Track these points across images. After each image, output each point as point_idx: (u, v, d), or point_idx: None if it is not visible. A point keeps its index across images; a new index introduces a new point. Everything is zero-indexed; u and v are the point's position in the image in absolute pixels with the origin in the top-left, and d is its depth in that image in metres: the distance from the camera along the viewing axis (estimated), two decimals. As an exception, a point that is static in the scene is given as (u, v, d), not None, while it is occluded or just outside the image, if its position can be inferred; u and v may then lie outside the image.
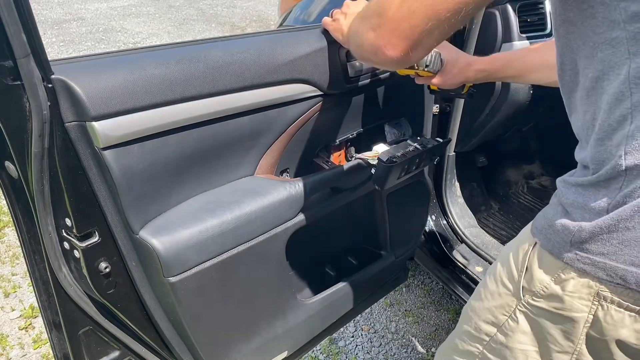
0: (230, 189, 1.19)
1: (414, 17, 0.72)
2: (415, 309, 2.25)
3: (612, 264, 0.67)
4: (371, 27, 0.79)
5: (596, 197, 0.69)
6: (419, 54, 0.78)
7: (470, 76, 1.23)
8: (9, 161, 0.90)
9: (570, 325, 0.74)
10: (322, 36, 1.21)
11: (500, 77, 1.29)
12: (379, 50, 0.78)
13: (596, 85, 0.67)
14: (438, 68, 1.19)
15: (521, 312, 0.81)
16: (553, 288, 0.75)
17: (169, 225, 1.05)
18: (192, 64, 1.01)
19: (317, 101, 1.24)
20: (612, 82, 0.65)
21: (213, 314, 1.18)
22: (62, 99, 0.86)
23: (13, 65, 0.79)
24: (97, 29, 5.95)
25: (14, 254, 2.53)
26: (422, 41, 0.75)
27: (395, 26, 0.75)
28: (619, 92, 0.64)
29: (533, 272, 0.78)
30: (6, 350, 2.03)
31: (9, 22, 0.75)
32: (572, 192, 0.74)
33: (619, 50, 0.63)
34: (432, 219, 1.92)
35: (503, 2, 1.66)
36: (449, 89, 1.26)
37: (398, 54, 0.77)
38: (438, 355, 1.08)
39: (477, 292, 0.93)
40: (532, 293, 0.79)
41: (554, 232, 0.75)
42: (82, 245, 0.97)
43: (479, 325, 0.90)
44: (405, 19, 0.73)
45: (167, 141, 1.01)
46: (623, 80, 0.63)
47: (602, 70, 0.66)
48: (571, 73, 0.73)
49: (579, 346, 0.75)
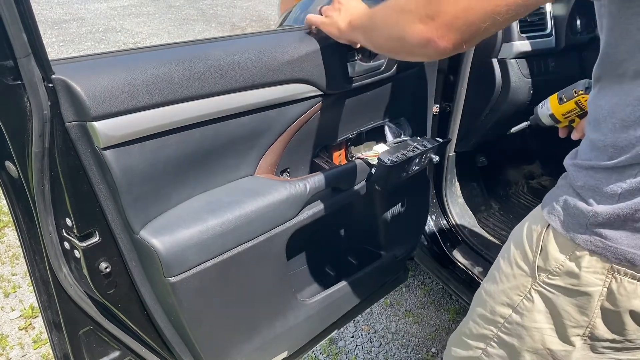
0: (231, 189, 1.19)
1: (472, 13, 0.72)
2: (415, 309, 2.25)
3: (623, 249, 0.71)
4: (419, 19, 0.78)
5: (609, 181, 0.71)
6: (472, 45, 0.81)
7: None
8: (9, 161, 0.90)
9: (586, 300, 0.77)
10: (322, 36, 1.21)
11: None
12: (430, 42, 0.78)
13: (635, 78, 0.68)
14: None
15: (536, 292, 0.84)
16: (568, 265, 0.77)
17: (170, 225, 1.05)
18: (192, 64, 1.01)
19: (317, 101, 1.24)
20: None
21: (213, 314, 1.18)
22: (62, 98, 0.86)
23: (13, 64, 0.79)
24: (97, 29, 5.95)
25: (14, 254, 2.52)
26: (478, 34, 0.75)
27: (451, 20, 0.74)
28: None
29: (549, 252, 0.80)
30: (6, 351, 2.03)
31: (10, 22, 0.75)
32: (583, 175, 0.75)
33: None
34: (432, 219, 1.92)
35: (503, 2, 1.66)
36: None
37: (451, 46, 0.77)
38: (450, 343, 1.09)
39: (491, 275, 0.95)
40: (548, 272, 0.81)
41: (568, 215, 0.77)
42: (82, 245, 0.96)
43: (494, 308, 0.92)
44: (462, 14, 0.73)
45: (168, 141, 1.01)
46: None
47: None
48: (614, 59, 0.72)
49: (593, 320, 0.78)
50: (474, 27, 0.73)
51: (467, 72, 1.55)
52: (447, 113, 1.74)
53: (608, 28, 0.72)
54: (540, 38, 1.72)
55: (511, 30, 1.67)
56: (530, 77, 1.74)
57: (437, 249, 1.90)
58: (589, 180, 0.74)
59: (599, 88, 0.77)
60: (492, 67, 1.71)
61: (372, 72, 1.31)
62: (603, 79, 0.76)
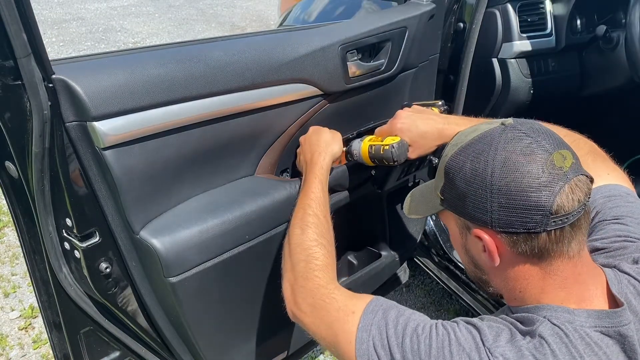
0: (231, 189, 1.19)
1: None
2: (415, 309, 2.25)
3: None
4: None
5: None
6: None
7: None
8: (9, 161, 0.90)
9: None
10: (322, 36, 1.21)
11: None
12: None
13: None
14: (405, 156, 1.14)
15: None
16: None
17: (170, 225, 1.04)
18: (192, 64, 1.01)
19: (317, 101, 1.24)
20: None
21: (213, 314, 1.18)
22: (62, 98, 0.86)
23: (14, 64, 0.78)
24: (97, 28, 5.94)
25: (14, 254, 2.52)
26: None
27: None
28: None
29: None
30: (6, 351, 2.03)
31: (10, 22, 0.75)
32: None
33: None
34: (432, 218, 1.91)
35: (503, 2, 1.66)
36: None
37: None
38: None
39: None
40: None
41: None
42: (82, 246, 0.96)
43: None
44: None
45: (168, 141, 1.01)
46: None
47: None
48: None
49: None
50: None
51: (467, 72, 1.55)
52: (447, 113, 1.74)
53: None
54: (540, 38, 1.72)
55: (511, 30, 1.67)
56: (530, 77, 1.74)
57: (437, 249, 1.90)
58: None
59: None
60: (492, 67, 1.71)
61: (372, 72, 1.31)
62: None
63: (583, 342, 0.70)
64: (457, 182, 0.76)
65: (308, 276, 0.92)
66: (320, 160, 1.12)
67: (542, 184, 0.69)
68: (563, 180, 0.69)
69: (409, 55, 1.37)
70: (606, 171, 0.96)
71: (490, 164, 0.71)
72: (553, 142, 0.72)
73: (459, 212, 0.78)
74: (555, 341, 0.69)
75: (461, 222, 0.79)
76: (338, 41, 1.20)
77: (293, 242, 0.99)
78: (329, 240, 1.00)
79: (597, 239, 0.86)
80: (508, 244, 0.74)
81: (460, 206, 0.77)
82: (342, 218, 1.55)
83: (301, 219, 1.01)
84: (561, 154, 0.70)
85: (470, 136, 0.77)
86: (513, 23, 1.66)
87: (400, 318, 0.79)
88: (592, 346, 0.70)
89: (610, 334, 0.71)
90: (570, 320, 0.71)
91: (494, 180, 0.71)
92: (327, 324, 0.85)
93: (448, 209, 0.81)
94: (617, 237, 0.84)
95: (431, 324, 0.77)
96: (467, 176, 0.74)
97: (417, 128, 1.14)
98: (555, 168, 0.69)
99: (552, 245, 0.71)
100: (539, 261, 0.73)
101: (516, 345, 0.70)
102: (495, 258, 0.76)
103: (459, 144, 0.78)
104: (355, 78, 1.27)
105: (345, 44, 1.21)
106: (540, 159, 0.69)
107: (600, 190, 0.91)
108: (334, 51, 1.20)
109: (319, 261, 0.94)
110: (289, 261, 0.99)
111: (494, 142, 0.73)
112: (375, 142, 1.19)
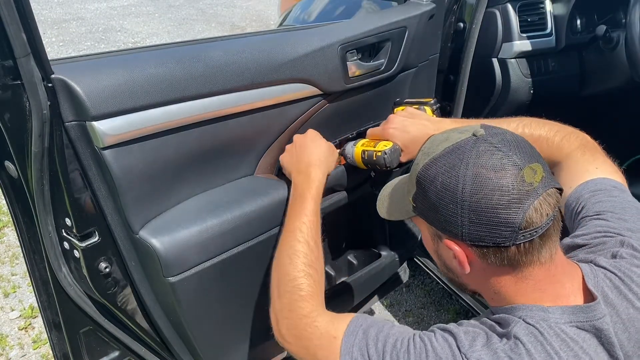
0: (230, 188, 1.19)
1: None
2: (415, 309, 2.25)
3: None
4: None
5: None
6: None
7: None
8: (9, 161, 0.90)
9: None
10: (322, 36, 1.21)
11: None
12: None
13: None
14: (397, 162, 1.14)
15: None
16: None
17: (169, 225, 1.04)
18: (192, 63, 1.01)
19: (317, 101, 1.24)
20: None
21: (213, 314, 1.18)
22: (62, 98, 0.86)
23: (13, 64, 0.78)
24: (97, 28, 5.94)
25: (14, 254, 2.52)
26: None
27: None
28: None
29: None
30: (6, 351, 2.03)
31: (9, 22, 0.75)
32: None
33: None
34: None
35: (503, 2, 1.66)
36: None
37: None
38: None
39: None
40: None
41: None
42: (82, 245, 0.96)
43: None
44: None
45: (167, 141, 1.00)
46: None
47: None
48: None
49: None
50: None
51: (467, 72, 1.55)
52: (447, 113, 1.74)
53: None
54: (540, 38, 1.72)
55: (511, 30, 1.67)
56: (530, 77, 1.74)
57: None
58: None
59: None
60: (492, 67, 1.71)
61: (372, 72, 1.31)
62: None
63: (558, 338, 0.71)
64: (428, 194, 0.77)
65: (292, 308, 0.93)
66: (316, 176, 1.11)
67: (512, 201, 0.70)
68: (533, 197, 0.70)
69: (409, 55, 1.37)
70: (594, 165, 0.96)
71: (462, 179, 0.72)
72: (524, 155, 0.73)
73: (430, 222, 0.80)
74: (530, 340, 0.71)
75: (433, 229, 0.81)
76: (338, 41, 1.20)
77: (281, 272, 1.00)
78: (317, 268, 1.00)
79: (578, 235, 0.87)
80: (478, 256, 0.76)
81: (431, 216, 0.79)
82: (342, 218, 1.55)
83: (291, 246, 1.01)
84: (532, 169, 0.71)
85: (441, 146, 0.77)
86: (513, 23, 1.66)
87: (380, 335, 0.80)
88: (567, 342, 0.71)
89: (586, 328, 0.72)
90: (544, 318, 0.73)
91: (464, 197, 0.72)
92: (312, 353, 0.87)
93: (420, 217, 0.83)
94: (597, 232, 0.85)
95: (409, 337, 0.78)
96: (439, 190, 0.75)
97: (409, 133, 1.14)
98: (525, 184, 0.70)
99: (522, 256, 0.73)
100: (511, 269, 0.75)
101: (492, 348, 0.71)
102: (465, 267, 0.78)
103: (430, 153, 0.78)
104: (355, 78, 1.27)
105: (345, 43, 1.21)
106: (510, 175, 0.70)
107: (587, 185, 0.92)
108: (334, 51, 1.20)
109: (303, 292, 0.94)
110: (276, 290, 0.99)
111: (465, 156, 0.73)
112: (367, 147, 1.19)
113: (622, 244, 0.81)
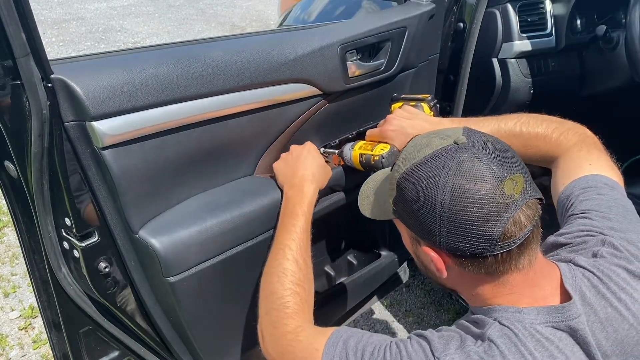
0: (230, 188, 1.19)
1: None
2: (415, 309, 2.25)
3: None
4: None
5: None
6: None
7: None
8: (9, 161, 0.90)
9: None
10: (322, 36, 1.21)
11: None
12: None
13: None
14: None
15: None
16: None
17: (169, 225, 1.04)
18: (192, 63, 1.01)
19: (317, 101, 1.24)
20: None
21: (212, 313, 1.18)
22: (61, 98, 0.86)
23: (12, 64, 0.78)
24: (97, 28, 5.94)
25: (14, 254, 2.52)
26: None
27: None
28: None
29: None
30: (6, 351, 2.03)
31: (9, 22, 0.75)
32: None
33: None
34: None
35: (503, 2, 1.66)
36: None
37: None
38: None
39: None
40: None
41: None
42: (81, 245, 0.96)
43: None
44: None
45: (167, 141, 1.00)
46: None
47: None
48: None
49: None
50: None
51: (467, 72, 1.55)
52: (447, 113, 1.74)
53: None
54: (540, 38, 1.72)
55: (511, 30, 1.66)
56: (530, 77, 1.73)
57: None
58: None
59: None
60: (492, 67, 1.71)
61: (372, 72, 1.30)
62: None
63: (533, 339, 0.71)
64: (408, 201, 0.77)
65: (277, 325, 0.94)
66: (309, 191, 1.11)
67: (491, 214, 0.70)
68: (513, 209, 0.70)
69: (409, 55, 1.37)
70: (588, 162, 0.96)
71: (441, 190, 0.72)
72: (505, 165, 0.72)
73: (409, 227, 0.80)
74: (504, 342, 0.71)
75: (412, 233, 0.81)
76: (337, 41, 1.20)
77: (268, 290, 1.01)
78: (305, 287, 1.01)
79: (562, 234, 0.87)
80: (455, 263, 0.76)
81: (410, 222, 0.79)
82: (342, 218, 1.55)
83: (279, 263, 1.01)
84: (512, 180, 0.71)
85: (422, 152, 0.77)
86: (513, 23, 1.66)
87: (359, 345, 0.81)
88: (542, 342, 0.71)
89: (561, 328, 0.73)
90: (519, 320, 0.73)
91: (443, 208, 0.72)
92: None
93: (399, 220, 0.83)
94: (580, 231, 0.85)
95: (386, 345, 0.79)
96: (418, 198, 0.75)
97: (407, 136, 1.14)
98: (505, 197, 0.70)
99: (500, 265, 0.73)
100: (488, 277, 0.76)
101: (465, 351, 0.72)
102: (443, 273, 0.79)
103: (411, 159, 0.78)
104: (355, 78, 1.27)
105: (344, 43, 1.21)
106: (490, 187, 0.70)
107: (578, 182, 0.92)
108: (334, 51, 1.20)
109: (289, 309, 0.95)
110: (264, 306, 1.00)
111: (445, 166, 0.73)
112: (365, 150, 1.19)
113: (603, 243, 0.81)
